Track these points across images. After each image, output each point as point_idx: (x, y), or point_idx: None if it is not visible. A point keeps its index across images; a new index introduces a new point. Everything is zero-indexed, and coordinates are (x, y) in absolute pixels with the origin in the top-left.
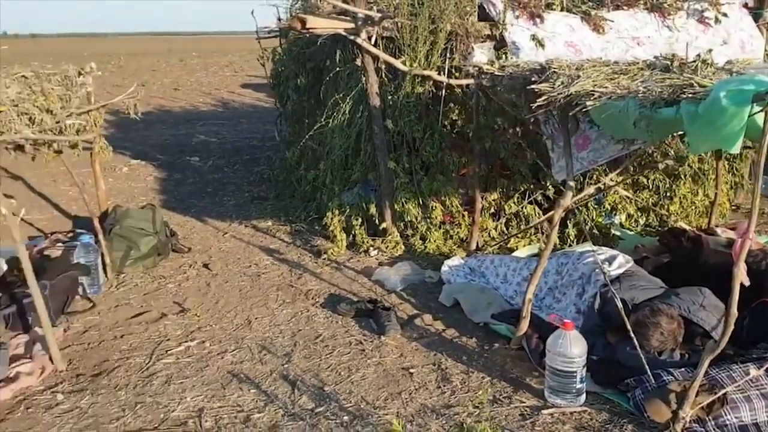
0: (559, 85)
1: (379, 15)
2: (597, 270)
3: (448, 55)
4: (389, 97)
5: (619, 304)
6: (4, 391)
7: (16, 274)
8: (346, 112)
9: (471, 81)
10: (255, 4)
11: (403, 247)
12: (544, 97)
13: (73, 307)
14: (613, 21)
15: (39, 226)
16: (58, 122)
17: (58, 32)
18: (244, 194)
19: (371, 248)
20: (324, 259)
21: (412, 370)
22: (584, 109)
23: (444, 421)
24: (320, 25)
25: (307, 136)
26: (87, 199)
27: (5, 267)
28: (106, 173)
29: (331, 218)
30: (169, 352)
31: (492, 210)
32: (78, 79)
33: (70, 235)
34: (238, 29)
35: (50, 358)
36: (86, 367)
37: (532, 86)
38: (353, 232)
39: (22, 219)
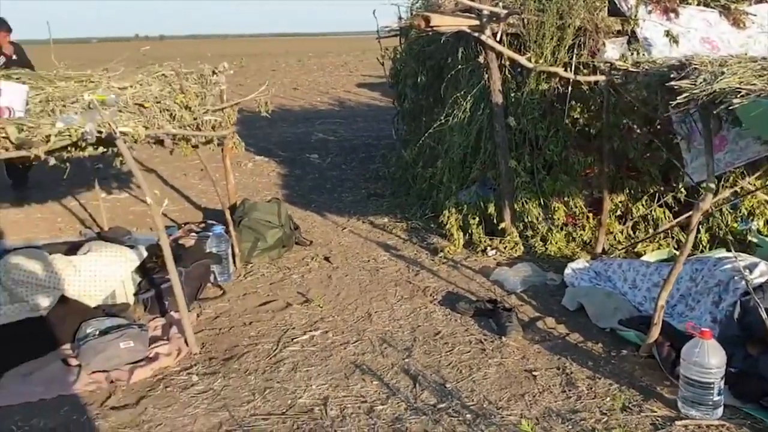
0: (701, 82)
1: (505, 11)
2: (737, 277)
3: (575, 51)
4: (512, 95)
5: (763, 314)
6: (145, 370)
7: (154, 260)
8: (467, 109)
9: (601, 78)
10: (375, 5)
11: (522, 248)
12: (684, 95)
13: (205, 293)
14: (755, 15)
15: (172, 216)
16: (195, 118)
17: (184, 34)
18: (361, 191)
19: (489, 248)
20: (441, 257)
21: (535, 373)
22: (730, 107)
23: (570, 426)
24: (444, 23)
25: (426, 134)
26: (219, 192)
27: (145, 254)
28: (232, 168)
29: (448, 216)
30: (294, 340)
31: (618, 212)
32: (212, 78)
33: (202, 225)
34: (351, 30)
35: (185, 341)
36: (218, 351)
37: (671, 83)
38: (470, 231)
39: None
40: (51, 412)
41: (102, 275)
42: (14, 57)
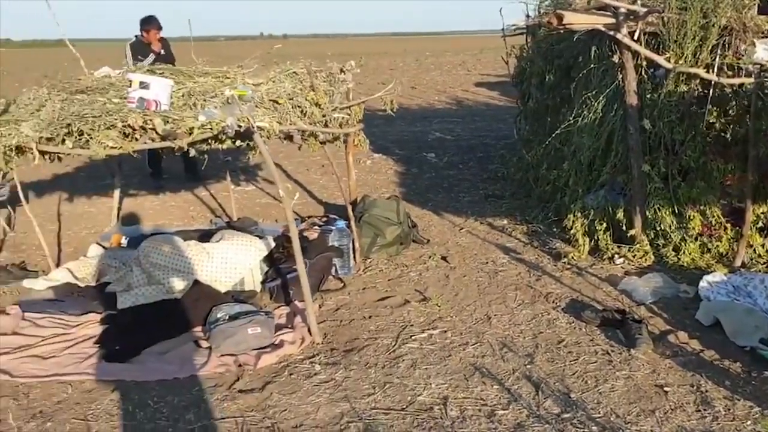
0: None
1: (645, 9)
2: None
3: (719, 51)
4: (647, 96)
5: None
6: (271, 356)
7: (281, 251)
8: (598, 110)
9: (748, 80)
10: (500, 3)
11: (652, 257)
12: None
13: (326, 285)
14: None
15: (295, 209)
16: (324, 115)
17: (306, 33)
18: (479, 191)
19: (616, 256)
20: (564, 262)
21: (666, 389)
22: None
23: None
24: (578, 21)
25: (553, 135)
26: (342, 187)
27: (273, 244)
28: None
29: (573, 221)
30: (413, 337)
31: (760, 224)
32: (340, 76)
33: (324, 219)
34: (468, 29)
35: (309, 330)
36: (339, 343)
37: None
38: (596, 237)
39: (280, 202)
40: (183, 391)
41: (232, 262)
42: (162, 52)
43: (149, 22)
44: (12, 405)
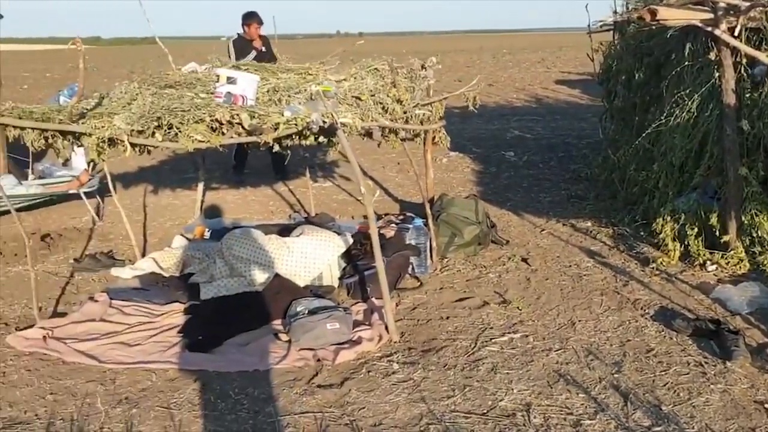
0: None
1: (747, 4)
2: None
3: None
4: (746, 95)
5: None
6: (349, 352)
7: (359, 248)
8: (692, 110)
9: None
10: (584, 1)
11: (747, 265)
12: None
13: (403, 283)
14: None
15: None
16: (405, 112)
17: (381, 31)
18: (561, 192)
19: (709, 262)
20: (652, 268)
21: (767, 405)
22: None
23: None
24: (673, 17)
25: (643, 135)
26: (420, 185)
27: (351, 240)
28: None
29: (662, 225)
30: (493, 340)
31: None
32: (420, 73)
33: (401, 217)
34: (546, 26)
35: (386, 328)
36: (416, 342)
37: None
38: (687, 242)
39: (357, 200)
40: (263, 383)
41: (312, 257)
42: (263, 49)
43: (251, 17)
44: (100, 389)
